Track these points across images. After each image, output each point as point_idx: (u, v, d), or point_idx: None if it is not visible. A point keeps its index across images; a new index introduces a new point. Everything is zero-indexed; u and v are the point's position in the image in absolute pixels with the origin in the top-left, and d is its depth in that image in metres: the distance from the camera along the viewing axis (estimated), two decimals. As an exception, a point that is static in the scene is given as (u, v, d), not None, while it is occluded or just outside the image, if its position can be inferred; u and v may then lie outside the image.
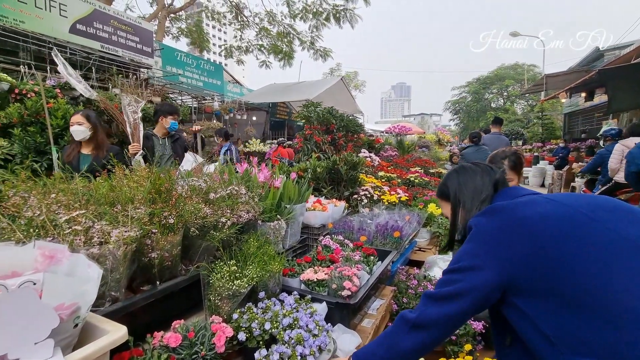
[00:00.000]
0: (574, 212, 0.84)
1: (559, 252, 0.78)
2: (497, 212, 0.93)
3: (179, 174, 1.79)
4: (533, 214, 0.87)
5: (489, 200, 1.05)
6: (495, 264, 0.84)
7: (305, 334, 1.17)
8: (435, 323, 0.89)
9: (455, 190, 1.13)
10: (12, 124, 4.31)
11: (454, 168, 1.23)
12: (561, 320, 0.76)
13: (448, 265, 0.96)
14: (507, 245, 0.84)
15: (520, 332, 0.85)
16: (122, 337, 0.78)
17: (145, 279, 1.17)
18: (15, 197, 1.15)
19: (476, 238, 0.91)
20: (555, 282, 0.77)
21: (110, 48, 7.00)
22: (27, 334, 0.63)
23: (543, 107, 19.37)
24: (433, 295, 0.92)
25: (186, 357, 1.00)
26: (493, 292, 0.85)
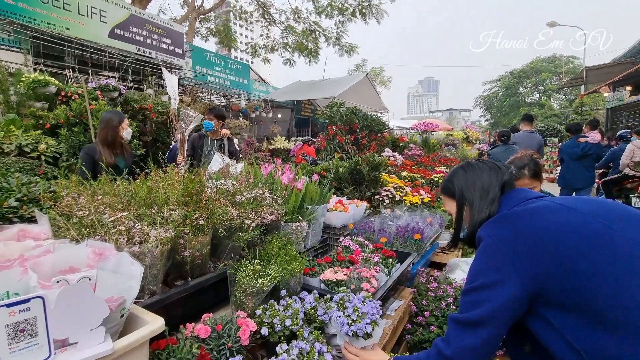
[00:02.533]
0: (593, 221, 0.81)
1: (587, 265, 0.75)
2: (513, 221, 0.89)
3: (207, 174, 1.91)
4: (554, 223, 0.83)
5: (498, 202, 1.02)
6: (520, 276, 0.81)
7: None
8: (475, 353, 0.85)
9: (462, 187, 1.10)
10: (60, 125, 4.69)
11: (460, 164, 1.19)
12: (592, 335, 0.73)
13: (466, 282, 0.93)
14: (530, 258, 0.81)
15: (546, 342, 0.82)
16: (160, 327, 0.89)
17: (178, 275, 1.29)
18: (67, 198, 1.30)
19: (494, 251, 0.86)
20: (587, 296, 0.74)
21: (145, 51, 7.38)
22: (84, 322, 0.74)
23: (583, 101, 18.20)
24: (463, 320, 0.87)
25: (214, 347, 1.09)
26: (522, 305, 0.82)
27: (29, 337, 0.68)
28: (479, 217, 1.02)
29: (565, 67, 29.17)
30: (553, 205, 0.89)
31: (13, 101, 5.34)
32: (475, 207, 1.04)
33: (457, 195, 1.11)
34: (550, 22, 20.92)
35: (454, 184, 1.13)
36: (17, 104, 5.31)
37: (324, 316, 1.41)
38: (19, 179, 1.32)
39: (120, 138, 2.79)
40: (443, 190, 1.20)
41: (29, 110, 4.95)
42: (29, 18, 5.76)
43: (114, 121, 2.75)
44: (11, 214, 1.19)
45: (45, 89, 5.10)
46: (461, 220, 1.10)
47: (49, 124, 4.77)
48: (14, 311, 0.66)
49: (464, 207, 1.09)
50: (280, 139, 9.90)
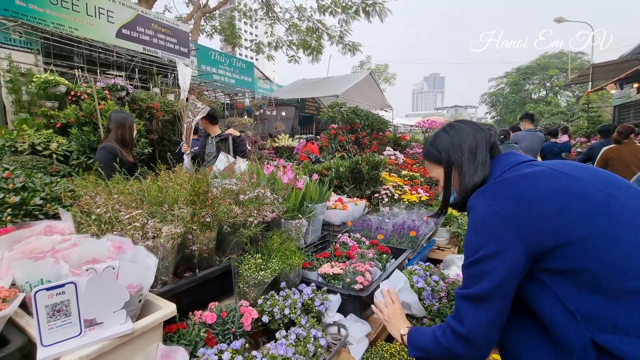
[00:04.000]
0: (593, 188, 0.81)
1: (590, 231, 0.75)
2: (512, 187, 0.87)
3: (212, 173, 2.03)
4: (555, 189, 0.82)
5: (488, 165, 0.99)
6: (523, 243, 0.79)
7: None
8: (490, 328, 0.84)
9: (448, 151, 1.04)
10: (70, 124, 4.85)
11: (441, 127, 1.12)
12: (588, 298, 0.74)
13: (466, 255, 0.90)
14: (532, 224, 0.79)
15: (540, 306, 0.82)
16: (173, 311, 1.01)
17: (187, 267, 1.41)
18: (86, 197, 1.42)
19: (493, 219, 0.83)
20: (587, 262, 0.74)
21: (151, 50, 7.52)
22: (108, 305, 0.86)
23: (589, 99, 18.03)
24: (472, 295, 0.85)
25: (220, 332, 1.22)
26: (524, 268, 0.81)
27: (64, 316, 0.80)
28: (470, 181, 0.98)
29: (572, 63, 28.84)
30: (550, 172, 0.87)
31: (24, 101, 5.52)
32: (464, 171, 1.00)
33: (444, 159, 1.05)
34: (557, 18, 20.68)
35: (438, 147, 1.07)
36: (29, 103, 5.48)
37: (321, 307, 1.53)
38: (42, 179, 1.45)
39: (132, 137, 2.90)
40: (427, 156, 1.13)
41: (40, 109, 5.11)
42: (39, 19, 5.92)
43: (129, 121, 2.83)
44: (37, 211, 1.32)
45: (55, 89, 5.26)
46: (449, 186, 1.06)
47: (60, 123, 4.93)
48: (52, 294, 0.78)
49: (451, 171, 1.04)
50: (284, 136, 10.02)
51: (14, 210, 1.25)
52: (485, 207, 0.86)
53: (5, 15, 5.47)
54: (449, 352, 0.92)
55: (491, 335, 0.85)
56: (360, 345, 1.51)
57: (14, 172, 1.39)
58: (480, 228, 0.87)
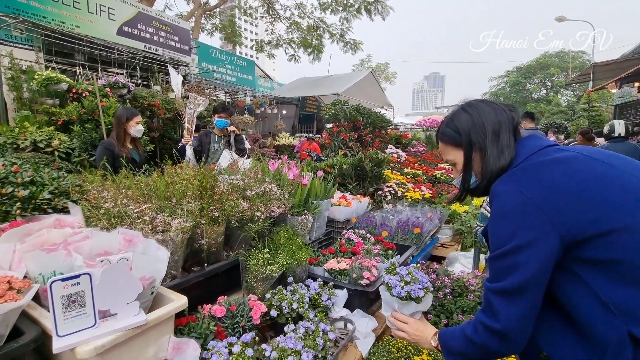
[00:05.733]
0: (629, 176, 0.77)
1: (633, 220, 0.72)
2: (545, 172, 0.81)
3: (217, 169, 2.03)
4: (592, 176, 0.78)
5: (513, 148, 0.91)
6: (558, 231, 0.75)
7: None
8: (526, 321, 0.81)
9: (469, 131, 0.95)
10: (72, 121, 4.85)
11: (459, 106, 1.02)
12: (623, 289, 0.71)
13: (494, 246, 0.84)
14: (569, 211, 0.75)
15: (571, 298, 0.79)
16: (184, 304, 1.01)
17: (195, 262, 1.41)
18: (93, 192, 1.43)
19: (525, 207, 0.78)
20: (625, 252, 0.71)
21: (152, 48, 7.50)
22: (122, 296, 0.87)
23: (590, 98, 18.03)
24: (506, 289, 0.80)
25: (229, 325, 1.22)
26: (558, 257, 0.77)
27: (79, 307, 0.81)
28: (495, 164, 0.91)
29: (573, 62, 28.83)
30: (584, 158, 0.82)
31: (26, 98, 5.51)
32: (488, 154, 0.92)
33: (464, 141, 0.96)
34: (558, 17, 20.65)
35: (457, 128, 0.98)
36: (30, 100, 5.47)
37: (328, 301, 1.54)
38: (49, 174, 1.45)
39: (127, 134, 2.91)
40: (443, 138, 1.03)
41: (42, 107, 5.11)
42: (40, 16, 5.90)
43: (122, 118, 2.89)
44: (45, 205, 1.32)
45: (57, 86, 5.25)
46: (470, 170, 0.98)
47: (62, 121, 4.92)
48: (67, 285, 0.78)
49: (472, 154, 0.96)
50: (285, 135, 10.01)
51: (23, 204, 1.25)
52: (516, 193, 0.80)
53: (7, 12, 5.45)
54: (483, 350, 0.88)
55: (527, 328, 0.81)
56: (367, 340, 1.51)
57: (22, 167, 1.39)
58: (511, 217, 0.80)
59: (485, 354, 0.89)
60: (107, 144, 2.84)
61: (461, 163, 1.00)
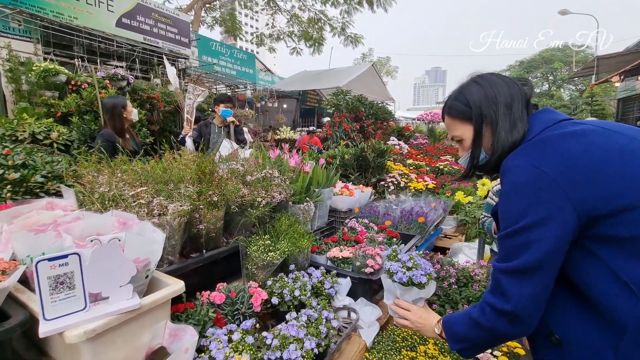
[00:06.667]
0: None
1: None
2: (562, 145, 0.76)
3: (217, 158, 1.97)
4: (612, 148, 0.73)
5: (526, 122, 0.87)
6: (574, 205, 0.71)
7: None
8: (537, 301, 0.77)
9: (480, 104, 0.90)
10: (71, 113, 4.79)
11: (470, 78, 0.98)
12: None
13: (505, 224, 0.80)
14: (587, 184, 0.71)
15: (587, 278, 0.75)
16: (181, 288, 0.97)
17: (194, 248, 1.36)
18: (88, 176, 1.37)
19: (540, 181, 0.74)
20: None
21: (152, 40, 7.41)
22: (114, 279, 0.82)
23: (593, 92, 17.84)
24: (518, 268, 0.76)
25: (229, 312, 1.17)
26: (574, 234, 0.73)
27: (68, 289, 0.76)
28: (507, 138, 0.86)
29: (576, 56, 28.55)
30: (601, 131, 0.78)
31: (24, 90, 5.45)
32: (500, 128, 0.88)
33: (474, 114, 0.91)
34: (562, 10, 20.37)
35: (467, 101, 0.93)
36: (29, 92, 5.41)
37: (331, 290, 1.49)
38: (42, 158, 1.40)
39: (128, 123, 2.84)
40: (452, 112, 0.98)
41: (40, 98, 5.06)
42: (38, 7, 5.82)
43: (118, 107, 2.77)
44: (38, 189, 1.27)
45: (55, 78, 5.19)
46: (480, 145, 0.93)
47: (60, 112, 4.87)
48: (54, 265, 0.73)
49: (483, 128, 0.91)
50: (286, 129, 9.94)
51: (14, 187, 1.20)
52: (530, 167, 0.75)
53: (4, 3, 5.37)
54: (491, 333, 0.84)
55: (539, 309, 0.77)
56: (372, 329, 1.47)
57: (14, 150, 1.34)
58: (524, 192, 0.75)
59: (493, 338, 0.86)
60: (107, 135, 2.72)
61: (469, 139, 0.95)
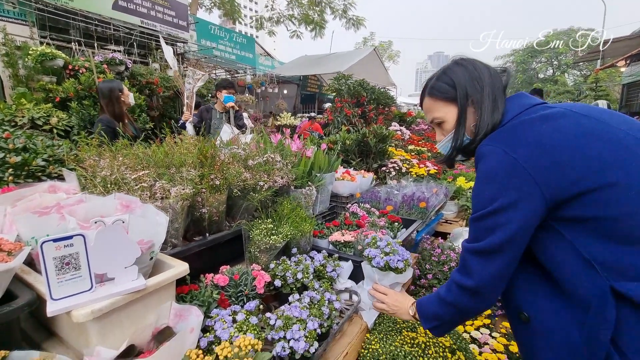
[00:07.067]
0: (618, 131, 0.74)
1: (618, 177, 0.70)
2: (532, 130, 0.79)
3: (218, 143, 1.96)
4: (579, 133, 0.75)
5: (504, 105, 0.89)
6: (542, 191, 0.74)
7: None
8: (498, 279, 0.82)
9: (465, 85, 0.91)
10: (69, 98, 4.74)
11: (452, 61, 0.99)
12: (606, 246, 0.70)
13: (476, 207, 0.83)
14: (554, 170, 0.73)
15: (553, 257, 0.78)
16: (185, 270, 0.97)
17: (197, 231, 1.37)
18: (89, 160, 1.37)
19: (510, 167, 0.76)
20: (608, 209, 0.70)
21: (149, 23, 7.26)
22: (119, 260, 0.82)
23: (598, 77, 17.56)
24: (481, 250, 0.81)
25: (233, 294, 1.19)
26: (541, 217, 0.77)
27: (73, 269, 0.76)
28: (489, 119, 0.88)
29: (582, 40, 27.96)
30: (571, 114, 0.80)
31: (22, 75, 5.38)
32: (484, 107, 0.89)
33: (459, 94, 0.92)
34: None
35: (452, 81, 0.93)
36: (26, 77, 5.35)
37: (333, 273, 1.50)
38: (43, 141, 1.39)
39: (126, 107, 2.79)
40: (434, 92, 0.97)
41: (38, 83, 5.00)
42: (32, -11, 5.68)
43: (115, 92, 2.69)
44: (39, 172, 1.27)
45: (52, 63, 5.12)
46: (463, 126, 0.94)
47: (59, 98, 4.83)
48: (59, 246, 0.74)
49: (466, 109, 0.92)
50: (287, 115, 9.86)
51: (16, 171, 1.20)
52: (501, 153, 0.78)
53: (-3, -16, 5.24)
54: (456, 308, 0.90)
55: (499, 285, 0.84)
56: (373, 311, 1.49)
57: (14, 134, 1.33)
58: (496, 177, 0.79)
59: (457, 313, 0.92)
60: (106, 120, 2.65)
61: (452, 120, 0.96)
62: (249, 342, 0.86)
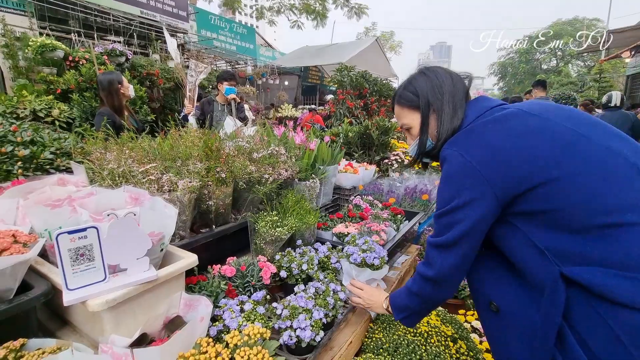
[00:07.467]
0: (561, 127, 0.81)
1: (559, 173, 0.76)
2: (483, 135, 0.86)
3: (222, 135, 1.97)
4: (523, 132, 0.82)
5: (463, 110, 0.96)
6: (494, 191, 0.81)
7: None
8: (456, 269, 0.90)
9: (427, 94, 1.00)
10: (71, 90, 4.73)
11: (418, 70, 1.07)
12: (556, 236, 0.76)
13: (438, 206, 0.92)
14: (503, 170, 0.80)
15: (510, 246, 0.86)
16: (194, 261, 1.00)
17: (203, 224, 1.39)
18: (96, 153, 1.38)
19: (465, 169, 0.84)
20: (556, 203, 0.76)
21: (149, 13, 7.18)
22: (131, 251, 0.84)
23: (602, 68, 17.35)
24: (441, 243, 0.90)
25: (240, 285, 1.22)
26: (495, 214, 0.84)
27: (88, 261, 0.78)
28: (449, 125, 0.96)
29: (587, 30, 27.58)
30: (520, 113, 0.86)
31: (22, 66, 5.35)
32: (444, 114, 0.97)
33: (422, 102, 1.00)
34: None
35: (416, 90, 1.02)
36: (27, 69, 5.31)
37: (337, 264, 1.53)
38: (50, 134, 1.40)
39: (126, 99, 2.77)
40: (401, 100, 1.06)
41: (39, 75, 4.97)
42: (30, -22, 5.61)
43: (115, 84, 2.65)
44: (47, 165, 1.28)
45: (53, 54, 5.08)
46: (426, 132, 1.02)
47: (60, 89, 4.81)
48: (74, 238, 0.75)
49: (429, 116, 1.00)
50: (288, 106, 9.81)
51: (25, 164, 1.21)
52: (458, 157, 0.86)
53: (-6, -27, 5.17)
54: (420, 297, 1.00)
55: (457, 276, 0.93)
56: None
57: (21, 127, 1.34)
58: (453, 178, 0.87)
59: (423, 302, 1.02)
60: (107, 113, 2.62)
61: (417, 126, 1.04)
62: (257, 330, 0.89)
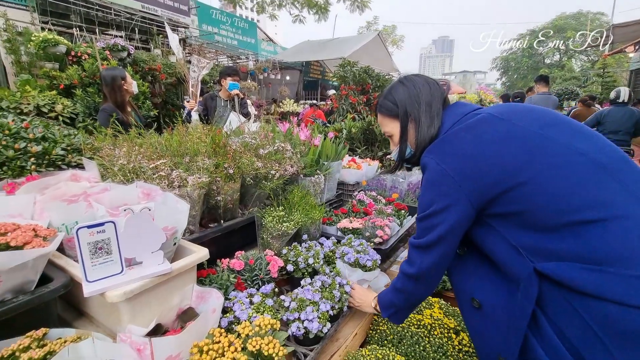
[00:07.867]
0: (528, 132, 0.85)
1: (526, 177, 0.81)
2: (456, 143, 0.92)
3: (227, 131, 1.99)
4: (492, 139, 0.87)
5: (440, 117, 1.02)
6: (468, 197, 0.87)
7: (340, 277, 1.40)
8: (435, 267, 0.98)
9: (405, 103, 1.04)
10: (74, 85, 4.74)
11: (397, 80, 1.10)
12: (529, 235, 0.82)
13: (419, 210, 0.99)
14: (475, 177, 0.86)
15: (487, 244, 0.92)
16: (205, 255, 1.03)
17: (212, 219, 1.42)
18: (105, 149, 1.41)
19: (441, 177, 0.90)
20: (525, 205, 0.81)
21: (150, 8, 7.16)
22: (146, 245, 0.87)
23: (606, 62, 17.24)
24: (421, 245, 0.98)
25: (248, 278, 1.25)
26: (471, 219, 0.91)
27: (105, 254, 0.81)
28: (426, 134, 1.01)
29: (591, 25, 27.31)
30: (490, 119, 0.92)
31: (24, 62, 5.35)
32: (422, 123, 1.02)
33: (401, 111, 1.05)
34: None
35: (394, 100, 1.06)
36: (29, 64, 5.32)
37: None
38: (60, 131, 1.42)
39: (129, 95, 2.76)
40: (381, 109, 1.12)
41: (42, 70, 4.98)
42: (31, -27, 5.59)
43: (118, 80, 2.63)
44: (59, 161, 1.31)
45: (55, 49, 5.08)
46: (406, 140, 1.07)
47: (63, 85, 4.82)
48: (92, 232, 0.78)
49: (408, 125, 1.05)
50: (289, 101, 9.80)
51: (38, 160, 1.24)
52: (435, 165, 0.92)
53: (-5, -32, 5.16)
54: (404, 293, 1.08)
55: (436, 273, 1.01)
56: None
57: (32, 123, 1.37)
58: (432, 185, 0.93)
59: (407, 299, 1.09)
60: (110, 109, 2.60)
61: (398, 134, 1.09)
62: (268, 321, 0.92)
